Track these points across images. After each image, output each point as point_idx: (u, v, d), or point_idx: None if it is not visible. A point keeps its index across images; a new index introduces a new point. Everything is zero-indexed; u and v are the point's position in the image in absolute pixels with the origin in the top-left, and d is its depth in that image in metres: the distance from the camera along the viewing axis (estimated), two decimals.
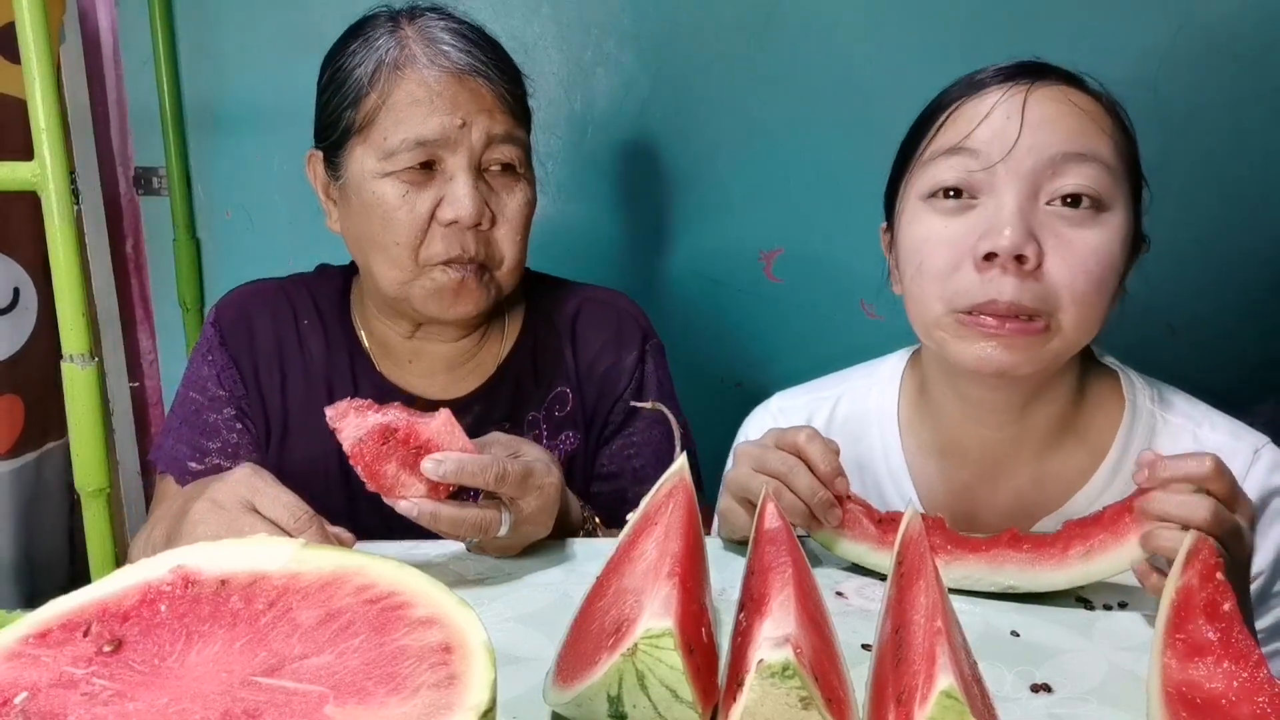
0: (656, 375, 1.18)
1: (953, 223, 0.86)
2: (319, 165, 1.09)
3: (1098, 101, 0.87)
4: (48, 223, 1.14)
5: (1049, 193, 0.84)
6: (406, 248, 1.01)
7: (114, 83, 1.77)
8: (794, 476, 0.82)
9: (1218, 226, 1.64)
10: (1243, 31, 1.57)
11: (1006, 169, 0.84)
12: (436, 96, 0.99)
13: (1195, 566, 0.65)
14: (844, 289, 1.71)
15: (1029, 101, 0.85)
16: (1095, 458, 0.94)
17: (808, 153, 1.67)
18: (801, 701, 0.52)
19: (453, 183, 1.00)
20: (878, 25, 1.61)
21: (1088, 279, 0.83)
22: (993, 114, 0.85)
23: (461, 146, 1.00)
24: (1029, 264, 0.82)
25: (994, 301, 0.83)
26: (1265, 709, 0.57)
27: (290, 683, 0.47)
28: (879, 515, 0.86)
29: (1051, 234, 0.83)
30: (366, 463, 0.78)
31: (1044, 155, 0.84)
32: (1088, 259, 0.83)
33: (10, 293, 1.63)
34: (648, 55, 1.67)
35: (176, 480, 1.08)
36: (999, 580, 0.80)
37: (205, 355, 1.12)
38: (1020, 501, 0.97)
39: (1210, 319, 1.67)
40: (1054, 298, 0.83)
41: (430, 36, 1.01)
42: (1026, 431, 0.95)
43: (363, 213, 1.03)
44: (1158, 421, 0.94)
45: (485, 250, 1.03)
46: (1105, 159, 0.84)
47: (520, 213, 1.05)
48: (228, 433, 1.10)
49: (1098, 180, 0.84)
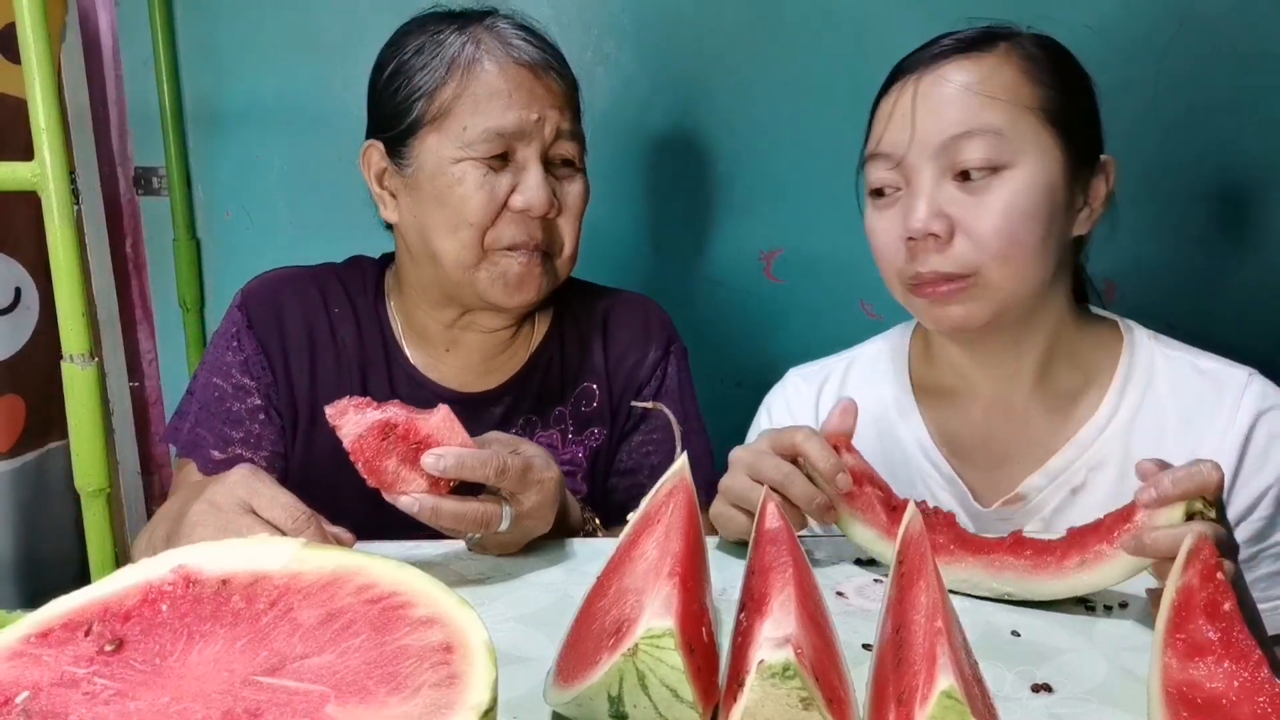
0: (678, 377, 1.21)
1: (885, 215, 0.99)
2: (376, 156, 1.10)
3: (996, 59, 0.94)
4: (48, 223, 1.14)
5: (950, 170, 0.93)
6: (478, 229, 1.04)
7: (114, 83, 1.77)
8: (790, 485, 0.84)
9: (1217, 226, 1.64)
10: (1243, 31, 1.57)
11: (910, 162, 0.95)
12: (515, 90, 1.03)
13: (1195, 566, 0.65)
14: (844, 289, 1.71)
15: (917, 95, 0.95)
16: (1101, 386, 1.02)
17: (808, 153, 1.67)
18: (802, 702, 0.52)
19: (526, 173, 1.04)
20: (878, 25, 1.62)
21: (998, 235, 0.92)
22: (893, 114, 0.96)
23: (535, 139, 1.04)
24: (942, 238, 0.93)
25: (918, 274, 0.95)
26: (1265, 709, 0.57)
27: (291, 682, 0.47)
28: (895, 502, 0.87)
29: (959, 206, 0.93)
30: (367, 459, 0.78)
31: (933, 143, 0.93)
32: (993, 219, 0.92)
33: (12, 293, 1.63)
34: (648, 55, 1.67)
35: (200, 468, 1.08)
36: (996, 586, 0.80)
37: (231, 340, 1.11)
38: (1028, 434, 1.03)
39: (1210, 319, 1.67)
40: (969, 259, 0.93)
41: (502, 34, 1.06)
42: (1025, 365, 1.02)
43: (435, 198, 1.05)
44: (1156, 354, 1.02)
45: (549, 238, 1.07)
46: (993, 126, 0.92)
47: (579, 202, 1.10)
48: (251, 423, 1.10)
49: (986, 148, 0.92)
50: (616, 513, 1.06)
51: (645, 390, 1.18)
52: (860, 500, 0.86)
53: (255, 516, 0.76)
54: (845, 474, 0.84)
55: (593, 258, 1.73)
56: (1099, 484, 0.99)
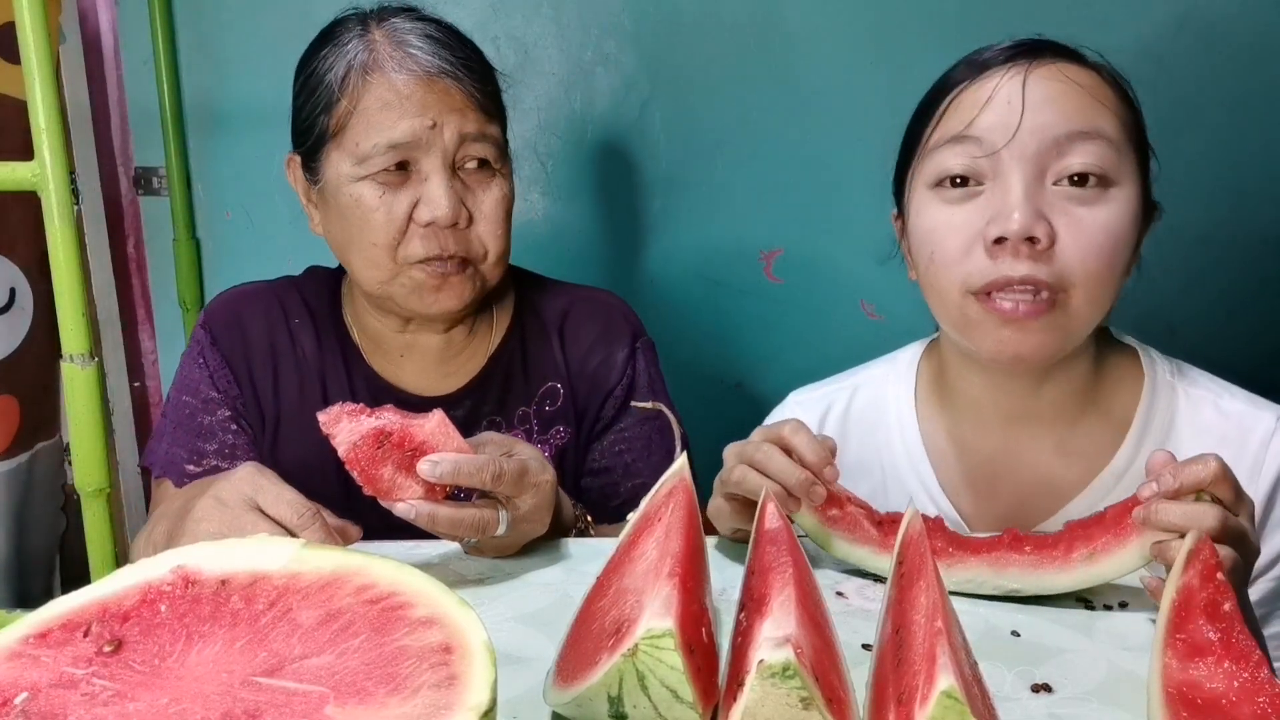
0: (648, 372, 1.19)
1: (961, 209, 0.87)
2: (298, 169, 1.10)
3: (1098, 75, 0.88)
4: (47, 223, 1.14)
5: (1055, 173, 0.85)
6: (385, 248, 1.02)
7: (114, 83, 1.77)
8: (769, 459, 0.81)
9: (1218, 225, 1.64)
10: (1243, 30, 1.57)
11: (1011, 153, 0.85)
12: (406, 100, 0.99)
13: (1195, 566, 0.65)
14: (844, 289, 1.71)
15: (1029, 82, 0.85)
16: (1118, 432, 0.94)
17: (808, 153, 1.67)
18: (802, 702, 0.52)
19: (428, 184, 1.01)
20: (877, 25, 1.61)
21: (1099, 256, 0.84)
22: (994, 98, 0.86)
23: (434, 147, 1.01)
24: (1041, 244, 0.83)
25: (1007, 278, 0.84)
26: (1265, 709, 0.57)
27: (290, 683, 0.47)
28: (879, 517, 0.85)
29: (1061, 213, 0.84)
30: (362, 467, 0.78)
31: (1048, 136, 0.84)
32: (1098, 236, 0.84)
33: (6, 293, 1.63)
34: (648, 55, 1.67)
35: (174, 484, 1.08)
36: (1002, 583, 0.80)
37: (197, 358, 1.12)
38: (1045, 481, 0.96)
39: (1210, 318, 1.67)
40: (1067, 275, 0.84)
41: (398, 39, 1.02)
42: (1044, 405, 0.95)
43: (341, 216, 1.04)
44: (1178, 394, 0.94)
45: (465, 247, 1.04)
46: (1109, 134, 0.85)
47: (498, 207, 1.06)
48: (223, 434, 1.10)
49: (1103, 157, 0.84)
50: (593, 512, 1.05)
51: (616, 391, 1.16)
52: (845, 520, 0.84)
53: (260, 513, 0.76)
54: (833, 466, 0.82)
55: (592, 257, 1.75)
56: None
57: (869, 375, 1.09)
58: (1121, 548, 0.75)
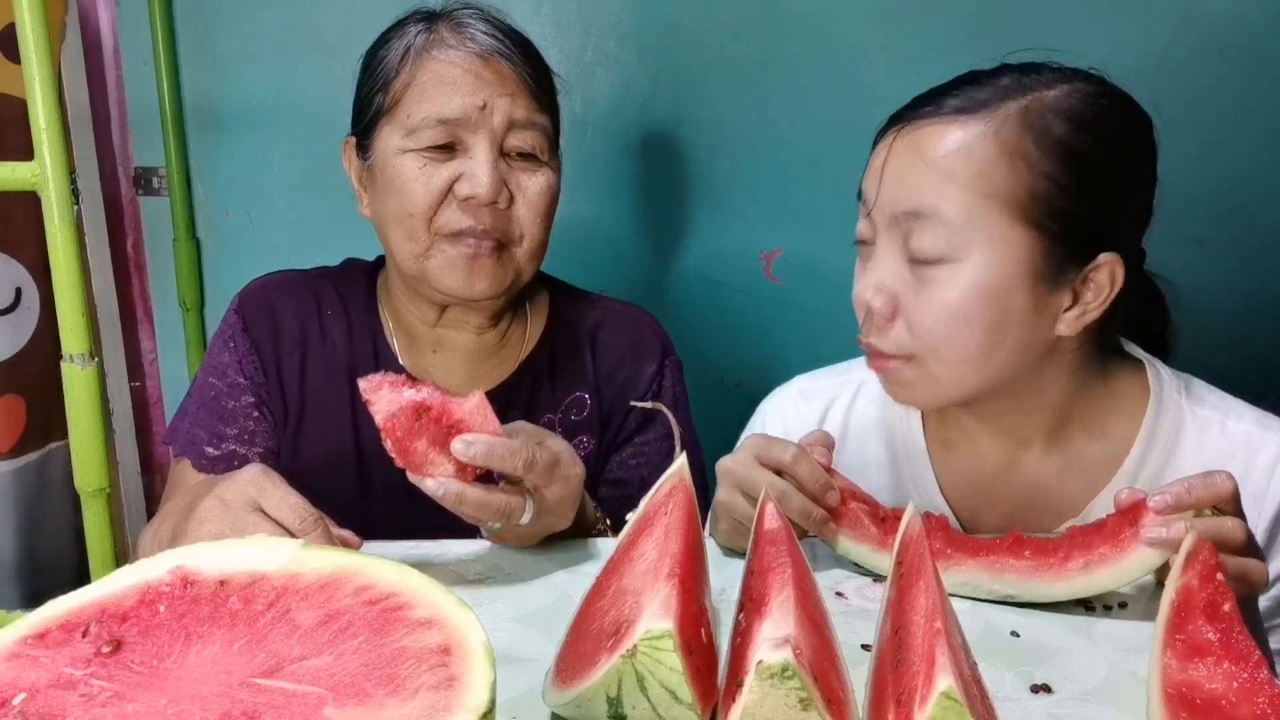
0: (673, 390, 1.20)
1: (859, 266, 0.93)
2: (352, 151, 1.12)
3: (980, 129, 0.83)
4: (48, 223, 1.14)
5: (905, 248, 0.87)
6: (421, 219, 1.03)
7: (114, 83, 1.77)
8: (786, 502, 0.82)
9: (1218, 226, 1.64)
10: (1242, 31, 1.57)
11: (875, 220, 0.89)
12: (460, 77, 1.02)
13: (1195, 566, 0.65)
14: (844, 289, 1.69)
15: (889, 154, 0.88)
16: (1121, 449, 0.93)
17: (808, 153, 1.67)
18: (801, 702, 0.52)
19: (472, 160, 1.02)
20: (878, 25, 1.61)
21: (931, 334, 0.86)
22: (871, 165, 0.90)
23: (483, 128, 1.02)
24: (886, 315, 0.88)
25: (867, 343, 0.91)
26: (1265, 709, 0.57)
27: (289, 684, 0.47)
28: (883, 513, 0.86)
29: (905, 289, 0.87)
30: (397, 438, 0.78)
31: (888, 212, 0.87)
32: (930, 315, 0.85)
33: (12, 293, 1.63)
34: (648, 55, 1.67)
35: (193, 464, 1.09)
36: (998, 589, 0.80)
37: (227, 342, 1.13)
38: (1045, 496, 0.96)
39: (1211, 319, 1.66)
40: (909, 346, 0.88)
41: (458, 23, 1.05)
42: (1032, 428, 0.95)
43: (384, 188, 1.05)
44: (1185, 414, 0.93)
45: (503, 227, 1.04)
46: (944, 213, 0.83)
47: (542, 195, 1.06)
48: (245, 420, 1.10)
49: (934, 237, 0.84)
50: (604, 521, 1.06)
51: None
52: (848, 517, 0.85)
53: (263, 515, 0.76)
54: (835, 491, 0.84)
55: (592, 258, 1.74)
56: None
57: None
58: (1119, 559, 0.75)
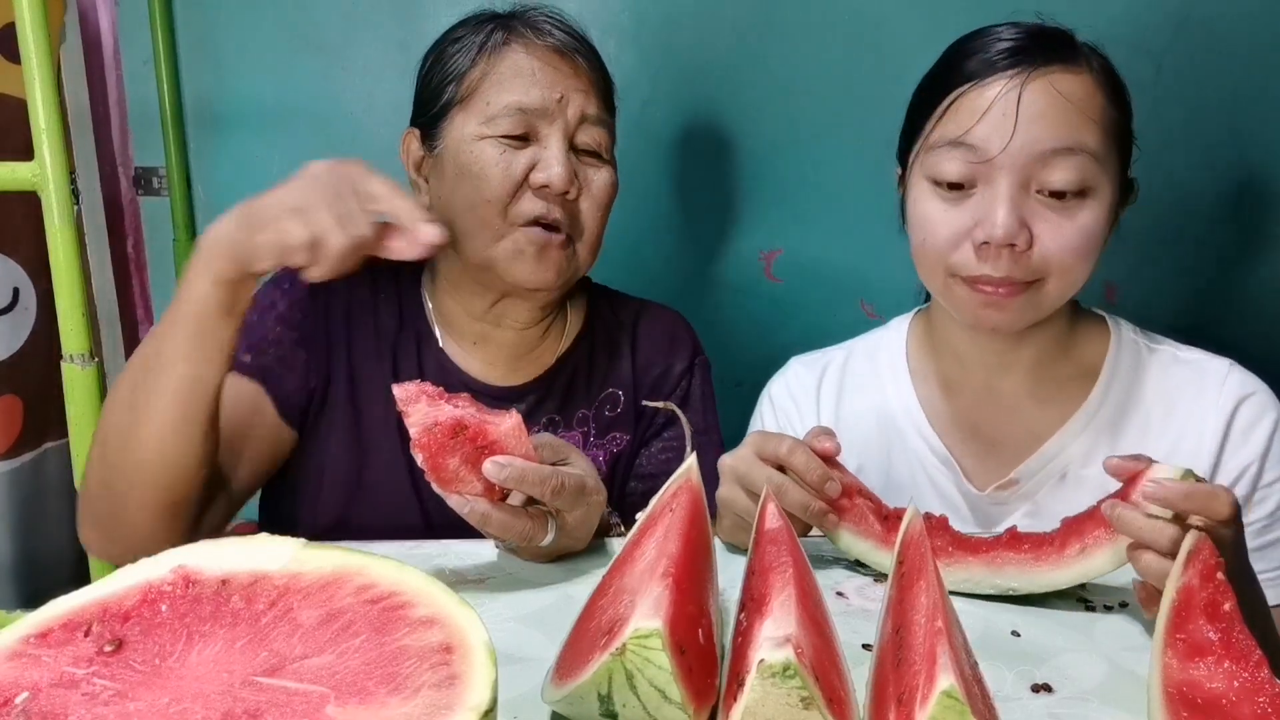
0: (701, 389, 1.23)
1: (953, 209, 0.96)
2: (413, 142, 1.13)
3: (1091, 79, 0.94)
4: (48, 223, 1.15)
5: (1039, 183, 0.93)
6: (497, 205, 1.04)
7: (114, 83, 1.77)
8: (784, 494, 0.83)
9: (1218, 226, 1.64)
10: (1243, 31, 1.57)
11: (1001, 163, 0.93)
12: (539, 69, 1.05)
13: (1195, 566, 0.65)
14: (844, 289, 1.71)
15: (1023, 97, 0.92)
16: (1089, 378, 1.06)
17: (808, 153, 1.67)
18: (802, 701, 0.52)
19: (547, 150, 1.05)
20: (877, 26, 1.61)
21: (1074, 254, 0.94)
22: (991, 109, 0.93)
23: (558, 119, 1.05)
24: (1020, 248, 0.93)
25: (989, 277, 0.95)
26: (1265, 709, 0.57)
27: (291, 683, 0.47)
28: (886, 512, 0.86)
29: (1041, 220, 0.94)
30: (431, 453, 0.77)
31: (1034, 150, 0.92)
32: (1073, 238, 0.94)
33: (10, 293, 1.63)
34: (648, 55, 1.67)
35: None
36: (999, 583, 0.80)
37: (279, 284, 1.11)
38: (1024, 421, 1.07)
39: (1210, 319, 1.67)
40: (1043, 269, 0.95)
41: (532, 21, 1.08)
42: (1022, 357, 1.06)
43: (457, 176, 1.06)
44: (1141, 349, 1.07)
45: (571, 219, 1.07)
46: (1091, 148, 0.93)
47: (604, 190, 1.10)
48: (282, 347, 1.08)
49: (1083, 171, 0.92)
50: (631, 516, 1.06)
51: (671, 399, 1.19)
52: (852, 513, 0.85)
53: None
54: (834, 481, 0.84)
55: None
56: (1088, 470, 1.02)
57: (862, 340, 1.20)
58: (1113, 541, 0.76)
